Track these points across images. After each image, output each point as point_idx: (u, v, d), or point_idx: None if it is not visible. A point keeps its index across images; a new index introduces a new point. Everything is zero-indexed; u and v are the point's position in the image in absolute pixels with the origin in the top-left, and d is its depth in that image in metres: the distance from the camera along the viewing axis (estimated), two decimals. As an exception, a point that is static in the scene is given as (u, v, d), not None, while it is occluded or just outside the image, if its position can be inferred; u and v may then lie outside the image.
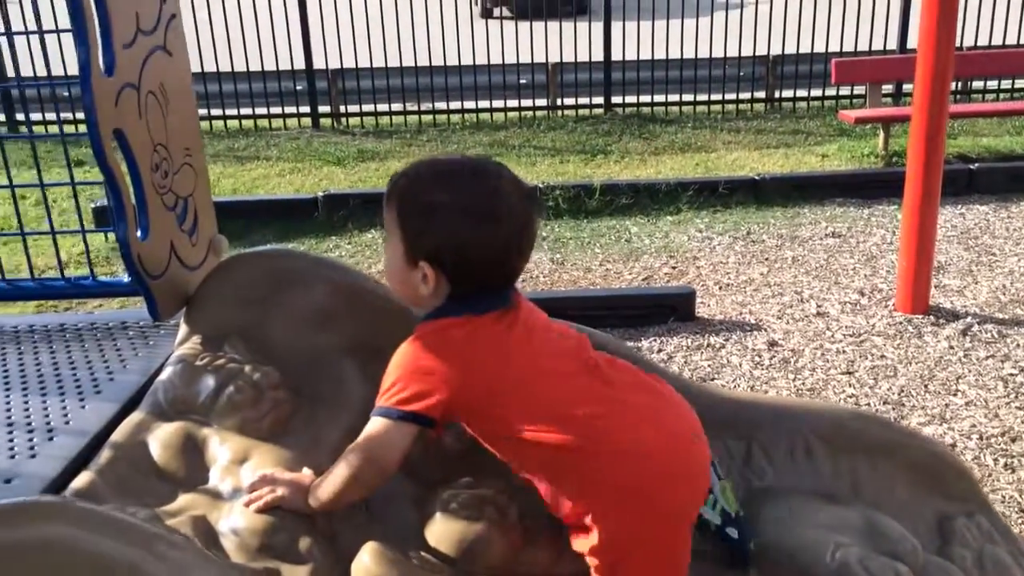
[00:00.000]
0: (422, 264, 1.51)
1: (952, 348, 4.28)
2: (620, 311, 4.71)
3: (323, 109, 9.71)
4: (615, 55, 9.60)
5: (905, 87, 9.34)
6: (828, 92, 9.64)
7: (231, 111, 9.46)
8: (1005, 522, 1.95)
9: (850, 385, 3.96)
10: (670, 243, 5.99)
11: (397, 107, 9.57)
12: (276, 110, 9.56)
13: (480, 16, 11.59)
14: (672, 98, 9.68)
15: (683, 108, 9.72)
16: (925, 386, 3.93)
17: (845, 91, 9.61)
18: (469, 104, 9.60)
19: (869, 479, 1.84)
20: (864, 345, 4.35)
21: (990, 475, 3.26)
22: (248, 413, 1.72)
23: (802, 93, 9.73)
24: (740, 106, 9.78)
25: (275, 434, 1.71)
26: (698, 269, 5.50)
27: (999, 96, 9.70)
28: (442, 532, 1.55)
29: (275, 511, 1.51)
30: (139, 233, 1.90)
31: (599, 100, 9.80)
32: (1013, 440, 3.48)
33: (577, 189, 6.81)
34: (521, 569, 1.55)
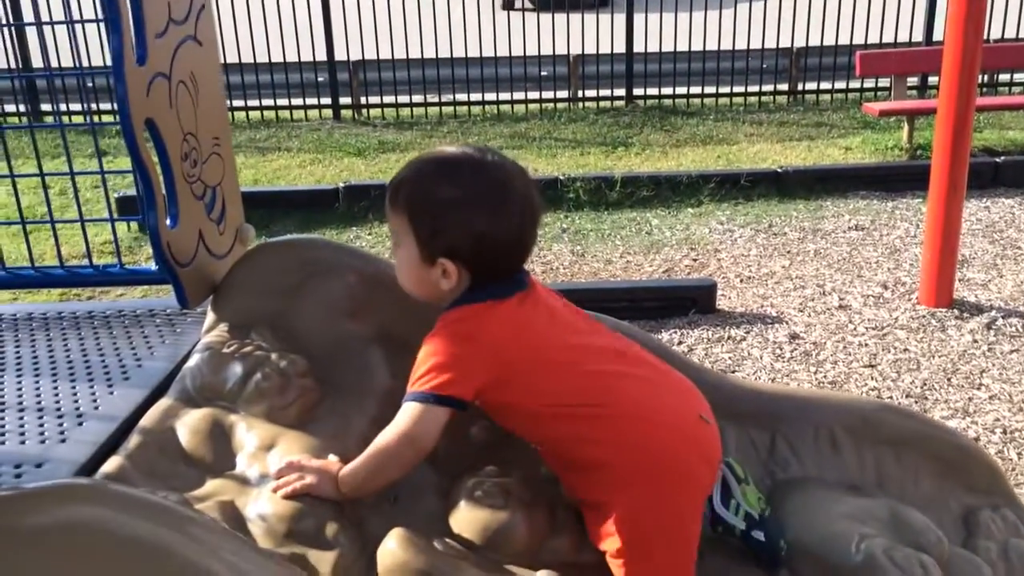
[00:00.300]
0: (441, 261, 1.53)
1: (976, 342, 4.25)
2: (641, 303, 4.72)
3: (344, 101, 9.74)
4: (637, 47, 9.57)
5: (931, 79, 9.26)
6: (852, 85, 9.57)
7: (253, 102, 9.49)
8: (1031, 516, 1.94)
9: (872, 378, 3.94)
10: (691, 235, 5.97)
11: (418, 99, 9.58)
12: (297, 101, 9.60)
13: (502, 8, 11.54)
14: (694, 90, 9.64)
15: (705, 100, 9.67)
16: (948, 380, 3.91)
17: (868, 83, 9.54)
18: (490, 96, 9.60)
19: (894, 471, 1.84)
20: (887, 338, 4.32)
21: (1014, 469, 3.24)
22: (275, 400, 1.73)
23: (825, 85, 9.66)
24: (763, 98, 9.73)
25: (302, 421, 1.72)
26: (719, 262, 5.48)
27: (1026, 89, 9.60)
28: (467, 519, 1.56)
29: (302, 498, 1.52)
30: (168, 221, 1.92)
31: (620, 92, 9.78)
32: (1038, 435, 3.46)
33: (598, 181, 6.81)
34: (545, 556, 1.56)
